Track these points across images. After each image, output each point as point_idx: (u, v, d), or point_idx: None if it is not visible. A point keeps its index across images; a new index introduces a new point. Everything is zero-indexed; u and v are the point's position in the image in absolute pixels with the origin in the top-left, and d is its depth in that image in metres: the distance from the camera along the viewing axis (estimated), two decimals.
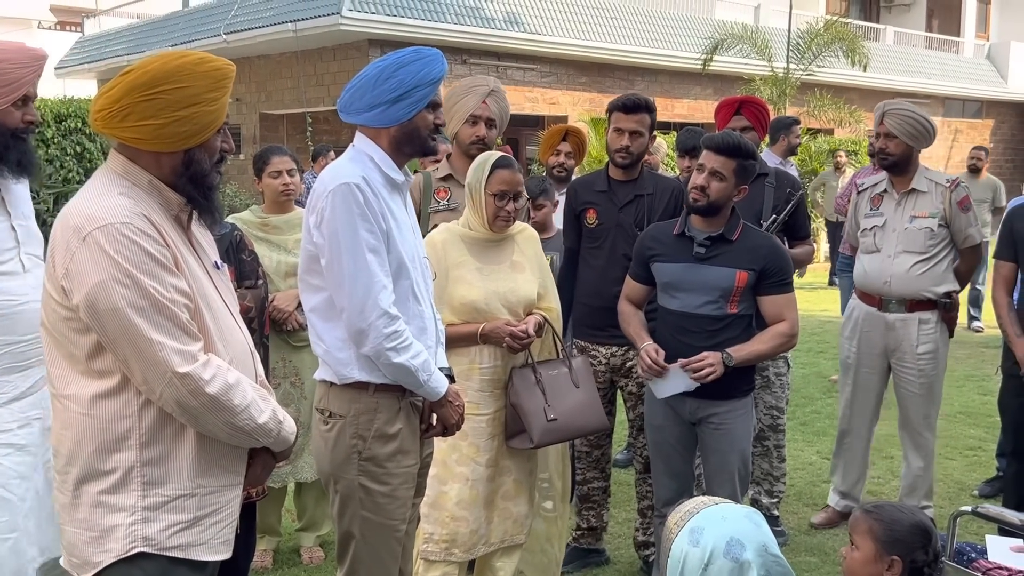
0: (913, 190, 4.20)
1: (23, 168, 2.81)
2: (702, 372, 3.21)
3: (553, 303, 3.39)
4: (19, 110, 2.77)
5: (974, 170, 9.95)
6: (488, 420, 3.20)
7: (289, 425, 2.14)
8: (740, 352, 3.25)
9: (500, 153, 3.23)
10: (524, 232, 3.35)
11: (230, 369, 1.99)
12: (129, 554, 1.93)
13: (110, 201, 1.92)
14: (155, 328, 1.87)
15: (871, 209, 4.32)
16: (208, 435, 1.99)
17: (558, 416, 3.19)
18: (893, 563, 2.17)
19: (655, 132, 3.96)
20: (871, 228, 4.28)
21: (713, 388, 3.25)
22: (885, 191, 4.28)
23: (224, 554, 2.05)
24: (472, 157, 3.71)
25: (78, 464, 1.94)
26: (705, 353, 3.23)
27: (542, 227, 4.37)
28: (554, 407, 3.19)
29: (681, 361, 3.25)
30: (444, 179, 3.74)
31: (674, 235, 3.38)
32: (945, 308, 4.21)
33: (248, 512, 2.86)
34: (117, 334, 1.86)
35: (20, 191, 2.90)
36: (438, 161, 3.78)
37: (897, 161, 4.18)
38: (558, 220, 4.35)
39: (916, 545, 2.18)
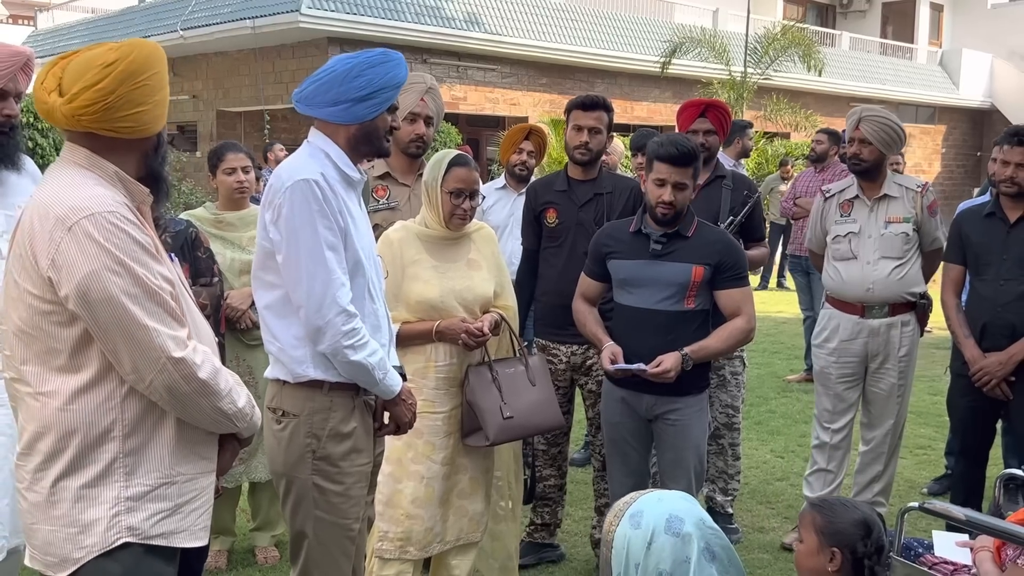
0: (885, 195, 4.16)
1: None
2: (660, 379, 3.24)
3: (510, 301, 3.40)
4: None
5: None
6: (444, 418, 3.20)
7: (259, 411, 2.19)
8: (699, 352, 3.28)
9: (457, 151, 3.23)
10: (481, 231, 3.35)
11: (212, 354, 2.02)
12: (114, 546, 1.92)
13: (90, 191, 1.91)
14: (149, 315, 1.88)
15: (841, 215, 4.24)
16: (190, 421, 2.00)
17: (514, 414, 3.19)
18: (834, 554, 2.22)
19: (613, 132, 3.99)
20: (845, 235, 4.19)
21: (670, 384, 3.27)
22: (856, 197, 4.22)
23: (203, 540, 2.06)
24: (410, 155, 3.72)
25: (59, 461, 1.92)
26: (664, 357, 3.24)
27: None
28: (510, 405, 3.19)
29: (644, 371, 3.25)
30: (381, 177, 3.72)
31: (630, 232, 3.41)
32: (921, 309, 4.21)
33: None
34: (110, 323, 1.86)
35: (16, 182, 2.95)
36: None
37: (869, 167, 4.13)
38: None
39: (856, 537, 2.22)
